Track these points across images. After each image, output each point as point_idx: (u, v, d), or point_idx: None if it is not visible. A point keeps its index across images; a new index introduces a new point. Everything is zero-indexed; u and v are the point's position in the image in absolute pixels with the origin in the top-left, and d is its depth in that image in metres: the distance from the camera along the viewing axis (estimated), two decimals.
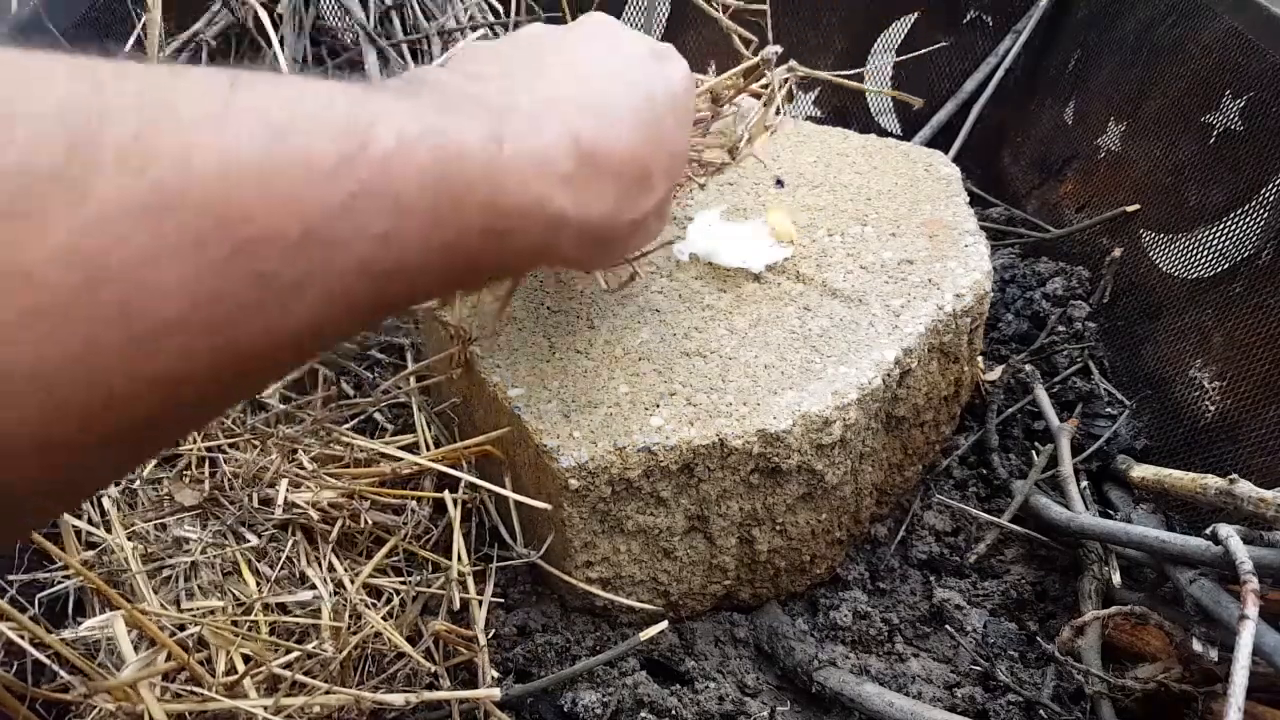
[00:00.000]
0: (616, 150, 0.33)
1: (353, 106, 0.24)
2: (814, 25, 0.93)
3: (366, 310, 0.26)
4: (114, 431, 0.21)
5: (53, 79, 0.19)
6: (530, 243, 0.30)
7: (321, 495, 0.56)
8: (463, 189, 0.26)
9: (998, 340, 0.73)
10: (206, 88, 0.22)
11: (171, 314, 0.20)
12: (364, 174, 0.23)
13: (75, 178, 0.18)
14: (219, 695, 0.45)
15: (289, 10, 0.76)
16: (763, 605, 0.56)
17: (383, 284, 0.25)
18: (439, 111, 0.27)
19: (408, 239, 0.25)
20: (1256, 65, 0.64)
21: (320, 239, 0.23)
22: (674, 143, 0.37)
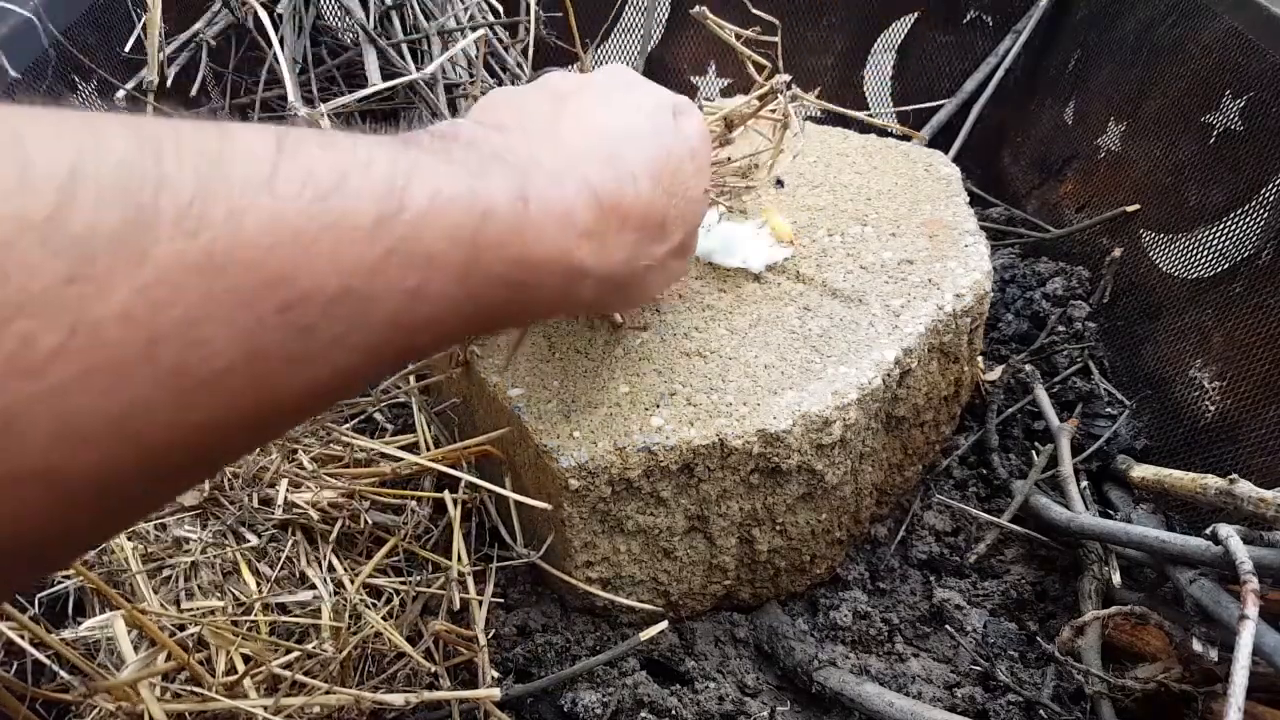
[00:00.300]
0: (634, 203, 0.34)
1: (390, 166, 0.25)
2: (814, 25, 0.93)
3: (394, 359, 0.27)
4: (159, 473, 0.22)
5: (116, 145, 0.20)
6: (551, 293, 0.32)
7: (321, 495, 0.56)
8: (490, 245, 0.28)
9: (998, 340, 0.73)
10: (256, 151, 0.23)
11: (220, 367, 0.21)
12: (400, 232, 0.25)
13: (135, 241, 0.20)
14: (219, 695, 0.45)
15: (289, 10, 0.76)
16: (763, 605, 0.56)
17: (411, 335, 0.26)
18: (469, 170, 0.28)
19: (436, 293, 0.26)
20: (1256, 65, 0.64)
21: (357, 295, 0.24)
22: (690, 190, 0.39)
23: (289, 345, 0.23)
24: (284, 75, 0.68)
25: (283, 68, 0.68)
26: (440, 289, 0.26)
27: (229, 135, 0.23)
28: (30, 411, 0.18)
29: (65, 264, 0.19)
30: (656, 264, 0.38)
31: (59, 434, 0.19)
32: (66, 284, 0.19)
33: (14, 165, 0.19)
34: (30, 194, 0.18)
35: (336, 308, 0.23)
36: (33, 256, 0.18)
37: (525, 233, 0.29)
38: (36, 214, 0.18)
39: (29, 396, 0.18)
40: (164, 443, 0.21)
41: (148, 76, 0.61)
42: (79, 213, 0.19)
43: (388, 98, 0.74)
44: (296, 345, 0.23)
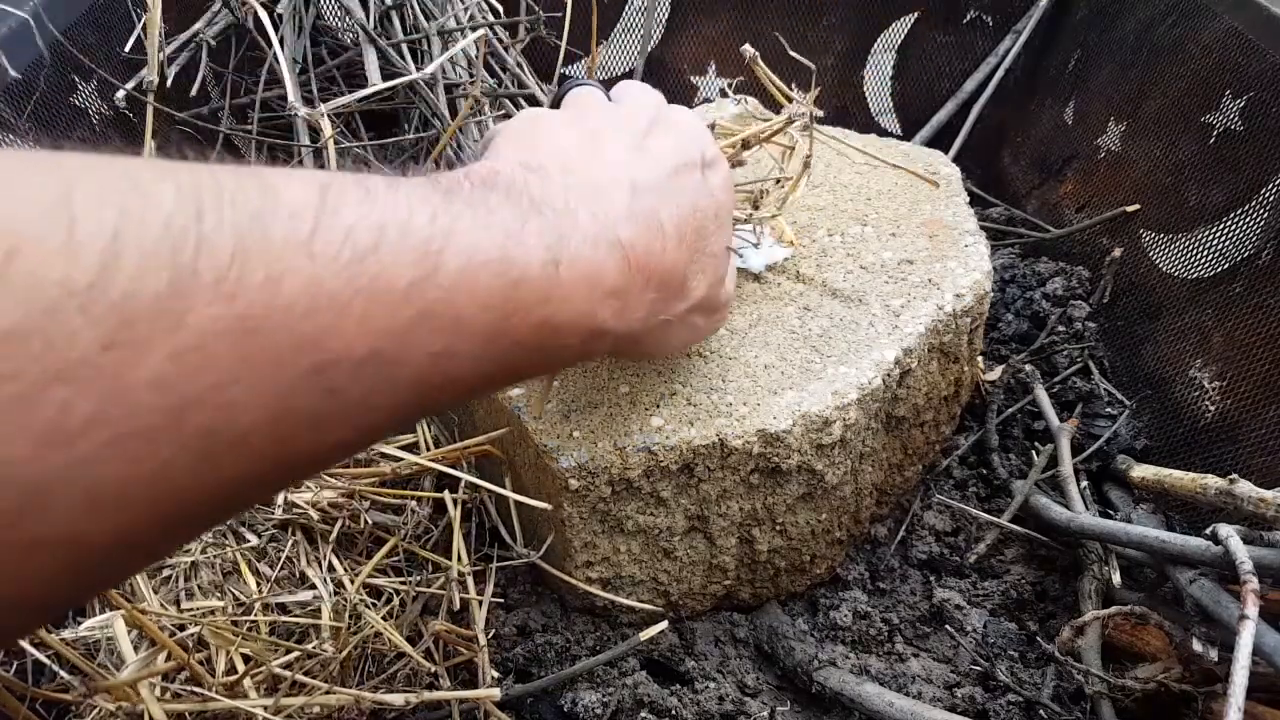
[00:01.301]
0: (660, 263, 0.34)
1: (429, 226, 0.25)
2: (814, 25, 0.93)
3: (414, 416, 0.27)
4: (177, 530, 0.22)
5: (160, 202, 0.20)
6: (570, 352, 0.32)
7: (321, 495, 0.56)
8: (518, 310, 0.28)
9: (998, 340, 0.73)
10: (298, 206, 0.23)
11: (245, 429, 0.21)
12: (432, 296, 0.25)
13: (173, 306, 0.19)
14: (219, 695, 0.45)
15: (289, 10, 0.76)
16: (763, 605, 0.56)
17: (433, 394, 0.26)
18: (506, 230, 0.28)
19: (461, 355, 0.26)
20: (1256, 65, 0.64)
21: (385, 357, 0.24)
22: (712, 246, 0.39)
23: (316, 407, 0.22)
24: (284, 75, 0.68)
25: (283, 68, 0.68)
26: (466, 351, 0.26)
27: (270, 188, 0.22)
28: (61, 481, 0.18)
29: (104, 331, 0.18)
30: (676, 320, 0.38)
31: (86, 503, 0.19)
32: (104, 351, 0.18)
33: (61, 227, 0.18)
34: (75, 259, 0.18)
35: (364, 370, 0.23)
36: (74, 323, 0.18)
37: (553, 298, 0.29)
38: (80, 280, 0.18)
39: (61, 466, 0.18)
40: (185, 503, 0.21)
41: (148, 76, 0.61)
42: (120, 277, 0.19)
43: (388, 98, 0.74)
44: (323, 406, 0.23)
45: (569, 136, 0.37)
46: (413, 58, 0.76)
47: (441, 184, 0.28)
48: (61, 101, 0.64)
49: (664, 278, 0.35)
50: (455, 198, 0.27)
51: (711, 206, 0.38)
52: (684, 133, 0.40)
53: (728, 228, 0.41)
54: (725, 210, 0.40)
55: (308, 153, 0.70)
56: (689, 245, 0.36)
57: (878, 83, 0.96)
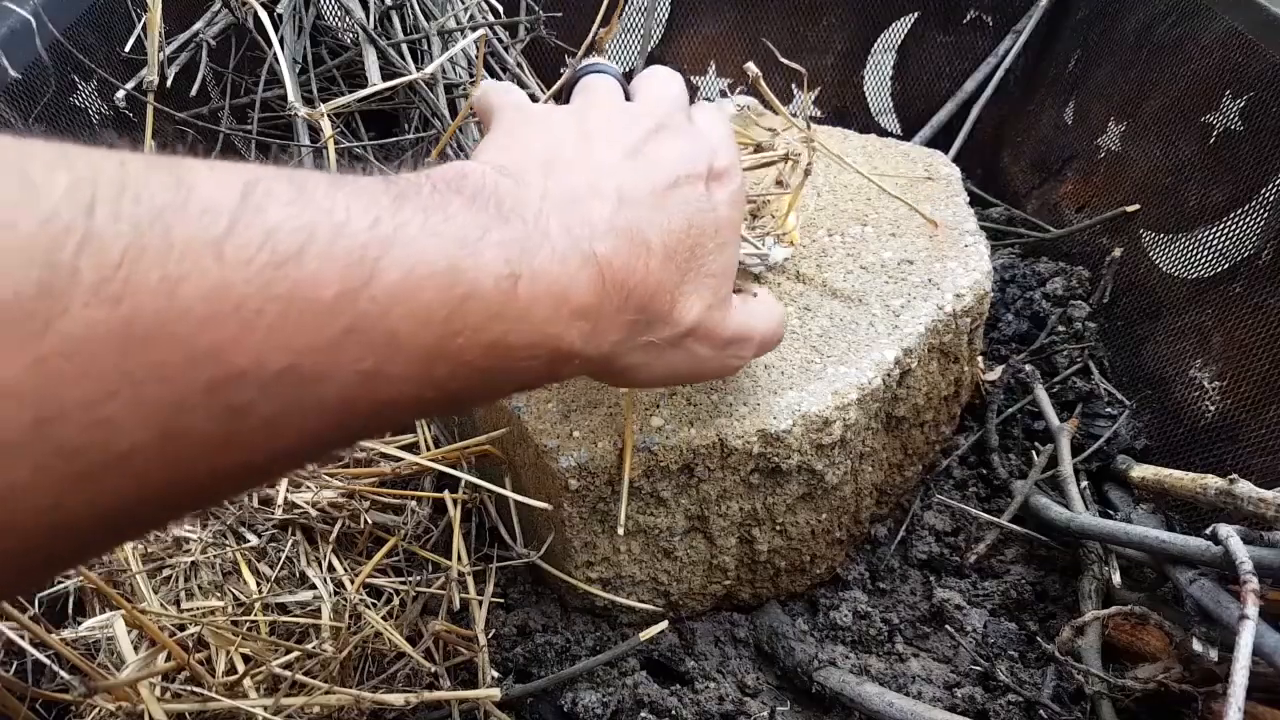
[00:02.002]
0: (641, 282, 0.32)
1: (369, 231, 0.23)
2: (814, 25, 0.93)
3: (342, 442, 0.25)
4: (38, 558, 0.20)
5: (47, 193, 0.18)
6: (531, 375, 0.29)
7: (321, 495, 0.56)
8: (467, 329, 0.25)
9: (998, 340, 0.73)
10: (215, 203, 0.21)
11: (125, 447, 0.19)
12: (363, 309, 0.22)
13: (39, 310, 0.17)
14: (219, 695, 0.45)
15: (289, 10, 0.76)
16: (763, 605, 0.56)
17: (362, 418, 0.24)
18: (461, 239, 0.25)
19: (396, 375, 0.24)
20: (1256, 65, 0.64)
21: (302, 374, 0.21)
22: (708, 266, 0.35)
23: (215, 427, 0.20)
24: (284, 75, 0.68)
25: (283, 68, 0.68)
26: (401, 371, 0.24)
27: (185, 182, 0.20)
28: None
29: None
30: (666, 346, 0.35)
31: None
32: None
33: None
34: None
35: (276, 388, 0.21)
36: None
37: (507, 316, 0.26)
38: None
39: None
40: (46, 527, 0.19)
41: (148, 76, 0.61)
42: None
43: (388, 98, 0.74)
44: (224, 427, 0.20)
45: (561, 135, 0.35)
46: (413, 58, 0.76)
47: (397, 185, 0.26)
48: (61, 101, 0.64)
49: (645, 299, 0.32)
50: (408, 201, 0.25)
51: (711, 223, 0.35)
52: (694, 138, 0.37)
53: (731, 247, 0.37)
54: (728, 227, 0.37)
55: (308, 153, 0.70)
56: (678, 264, 0.33)
57: (878, 83, 0.96)
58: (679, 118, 0.38)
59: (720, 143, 0.38)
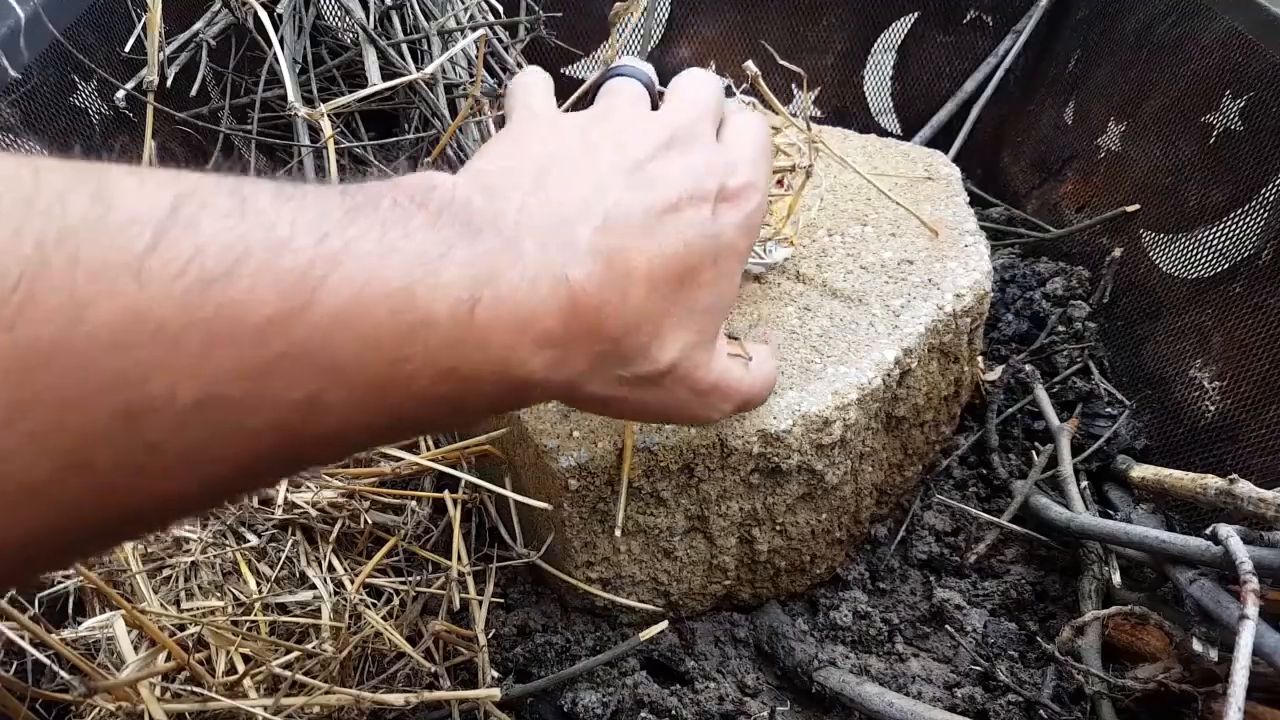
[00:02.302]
0: (616, 314, 0.29)
1: (313, 249, 0.21)
2: (814, 25, 0.93)
3: (285, 469, 0.24)
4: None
5: None
6: (490, 403, 0.27)
7: (321, 495, 0.56)
8: (419, 355, 0.23)
9: (998, 340, 0.73)
10: (139, 217, 0.19)
11: (29, 479, 0.18)
12: (300, 334, 0.21)
13: None
14: (219, 695, 0.45)
15: (289, 10, 0.76)
16: (763, 605, 0.56)
17: (302, 448, 0.22)
18: (420, 257, 0.23)
19: (337, 404, 0.22)
20: (1256, 65, 0.64)
21: (227, 403, 0.20)
22: (701, 300, 0.32)
23: (130, 458, 0.19)
24: (284, 75, 0.68)
25: (283, 68, 0.68)
26: (342, 400, 0.22)
27: (106, 193, 0.19)
28: None
29: None
30: (642, 383, 0.32)
31: None
32: None
33: None
34: None
35: (197, 417, 0.19)
36: None
37: (465, 343, 0.24)
38: None
39: None
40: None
41: (148, 76, 0.61)
42: None
43: (388, 98, 0.74)
44: (139, 458, 0.19)
45: (563, 145, 0.33)
46: (413, 58, 0.76)
47: (354, 198, 0.24)
48: (61, 101, 0.64)
49: (620, 331, 0.29)
50: (363, 216, 0.23)
51: (710, 250, 0.32)
52: (710, 153, 0.34)
53: (729, 279, 0.34)
54: (731, 256, 0.34)
55: (308, 153, 0.70)
56: (664, 295, 0.31)
57: (878, 83, 0.96)
58: (701, 128, 0.35)
59: (743, 159, 0.35)
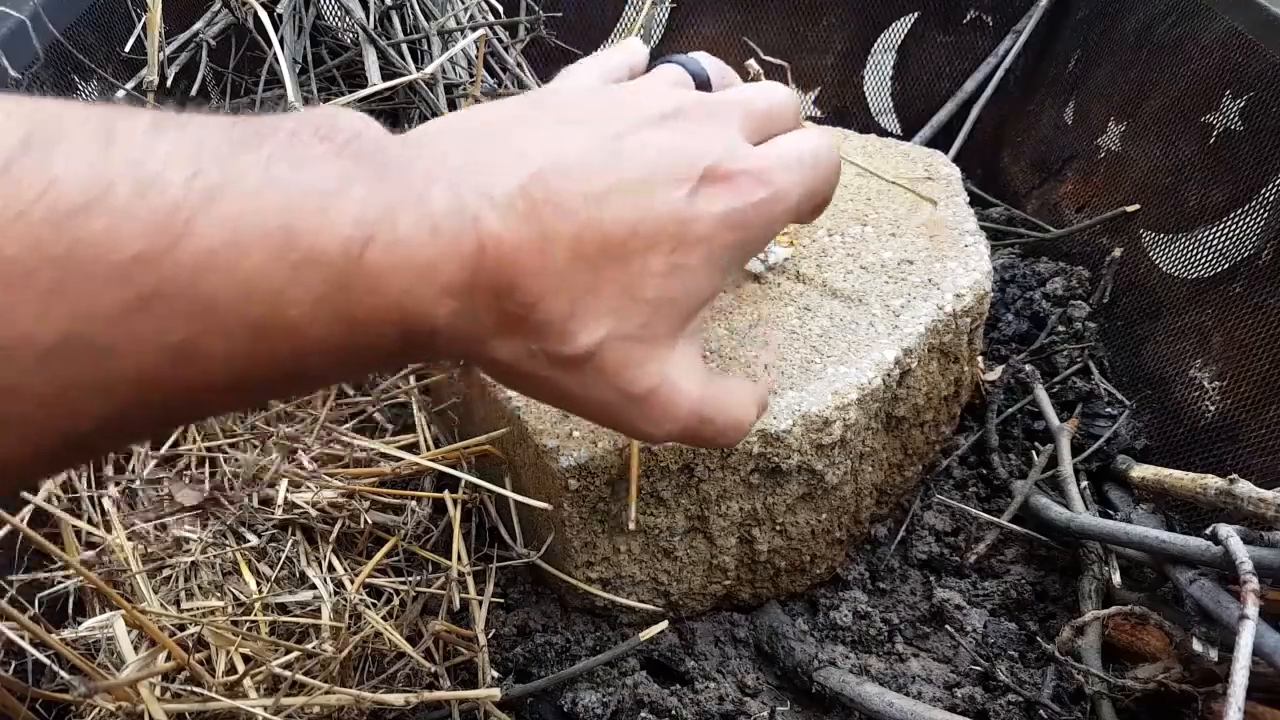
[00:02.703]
0: (532, 275, 0.26)
1: (186, 183, 0.20)
2: (814, 25, 0.93)
3: (156, 423, 0.22)
4: None
5: None
6: (388, 354, 0.25)
7: (321, 495, 0.56)
8: (304, 300, 0.22)
9: (998, 340, 0.73)
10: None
11: None
12: (167, 274, 0.19)
13: None
14: (219, 695, 0.45)
15: (289, 10, 0.76)
16: (763, 605, 0.56)
17: (176, 400, 0.21)
18: (308, 193, 0.22)
19: (216, 352, 0.21)
20: (1256, 65, 0.64)
21: (86, 347, 0.19)
22: (643, 288, 0.28)
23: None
24: (284, 75, 0.68)
25: (283, 68, 0.68)
26: (222, 347, 0.21)
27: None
28: None
29: None
30: (556, 362, 0.28)
31: None
32: None
33: None
34: None
35: (59, 359, 0.18)
36: None
37: (354, 288, 0.23)
38: None
39: None
40: None
41: (148, 76, 0.61)
42: None
43: (388, 98, 0.74)
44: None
45: (533, 111, 0.30)
46: (413, 58, 0.76)
47: (244, 129, 0.22)
48: None
49: (531, 294, 0.26)
50: (252, 149, 0.22)
51: (669, 233, 0.28)
52: (719, 141, 0.30)
53: (693, 275, 0.29)
54: (697, 247, 0.28)
55: None
56: (592, 267, 0.27)
57: (878, 83, 0.96)
58: (725, 113, 0.31)
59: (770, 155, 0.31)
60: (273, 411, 0.61)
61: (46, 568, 0.54)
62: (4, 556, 0.53)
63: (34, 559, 0.54)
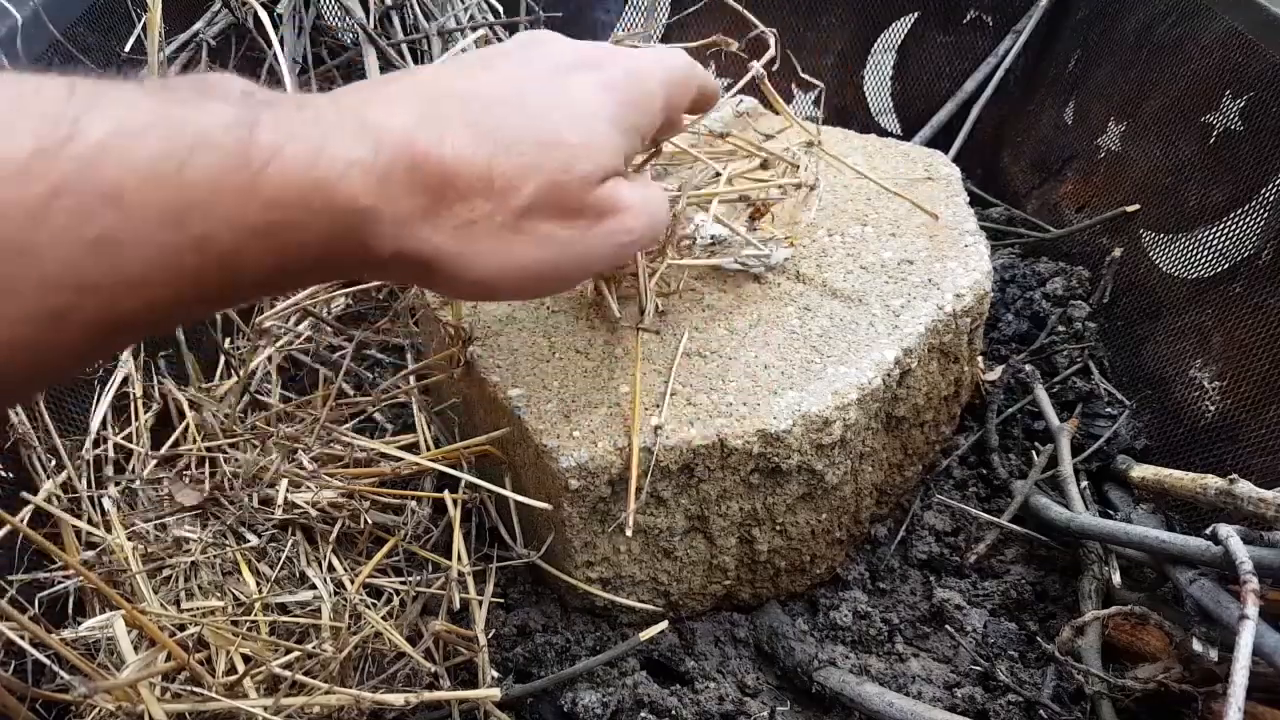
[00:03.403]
0: (433, 151, 0.28)
1: (69, 98, 0.21)
2: (814, 25, 0.93)
3: (90, 337, 0.22)
4: None
5: None
6: (319, 237, 0.26)
7: (321, 495, 0.56)
8: (206, 181, 0.23)
9: (998, 340, 0.73)
10: None
11: None
12: (68, 168, 0.20)
13: None
14: (219, 695, 0.45)
15: (289, 10, 0.76)
16: (763, 605, 0.56)
17: (108, 301, 0.22)
18: (180, 99, 0.23)
19: (136, 241, 0.22)
20: (1256, 65, 0.64)
21: (8, 248, 0.20)
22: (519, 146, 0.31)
23: None
24: (284, 75, 0.68)
25: (283, 68, 0.68)
26: (141, 235, 0.22)
27: None
28: None
29: None
30: (493, 225, 0.30)
31: None
32: None
33: None
34: None
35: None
36: None
37: (253, 163, 0.24)
38: None
39: None
40: None
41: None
42: None
43: None
44: None
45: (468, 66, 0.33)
46: (413, 58, 0.76)
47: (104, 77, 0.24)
48: None
49: (444, 169, 0.29)
50: (117, 85, 0.23)
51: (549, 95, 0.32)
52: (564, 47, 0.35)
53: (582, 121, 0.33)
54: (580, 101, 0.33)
55: None
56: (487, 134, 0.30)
57: (878, 83, 0.96)
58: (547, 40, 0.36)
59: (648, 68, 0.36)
60: (273, 412, 0.61)
61: (46, 568, 0.54)
62: (4, 556, 0.53)
63: (34, 559, 0.54)
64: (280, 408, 0.61)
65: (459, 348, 0.53)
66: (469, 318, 0.54)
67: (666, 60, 0.38)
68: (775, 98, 0.52)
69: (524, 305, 0.55)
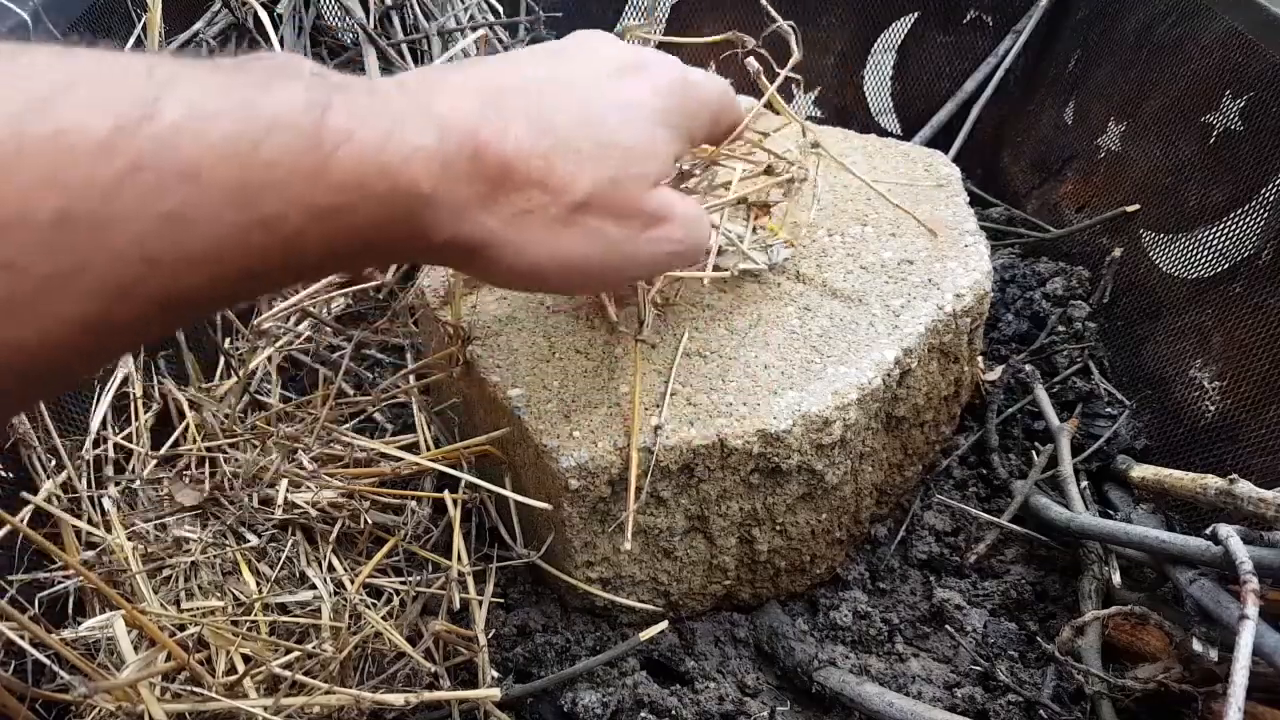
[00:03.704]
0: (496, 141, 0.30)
1: (147, 76, 0.22)
2: (814, 25, 0.93)
3: (155, 310, 0.23)
4: None
5: None
6: (379, 228, 0.27)
7: (321, 495, 0.56)
8: (282, 160, 0.23)
9: (998, 340, 0.73)
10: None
11: None
12: (145, 145, 0.21)
13: None
14: (219, 695, 0.45)
15: (289, 10, 0.76)
16: (763, 605, 0.56)
17: (176, 275, 0.22)
18: (256, 82, 0.24)
19: (207, 217, 0.22)
20: (1256, 65, 0.64)
21: (87, 220, 0.20)
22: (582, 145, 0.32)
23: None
24: None
25: None
26: (212, 212, 0.22)
27: None
28: None
29: None
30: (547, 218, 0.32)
31: None
32: None
33: None
34: None
35: (52, 237, 0.19)
36: None
37: (325, 145, 0.24)
38: None
39: None
40: None
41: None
42: None
43: None
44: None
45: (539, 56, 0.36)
46: (413, 58, 0.76)
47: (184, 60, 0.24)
48: None
49: (505, 158, 0.30)
50: (196, 64, 0.24)
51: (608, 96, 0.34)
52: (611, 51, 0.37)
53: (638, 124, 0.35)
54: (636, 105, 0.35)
55: None
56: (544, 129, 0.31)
57: (878, 83, 0.96)
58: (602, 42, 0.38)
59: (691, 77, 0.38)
60: (272, 412, 0.61)
61: (46, 568, 0.54)
62: (4, 556, 0.53)
63: (34, 559, 0.54)
64: (280, 408, 0.61)
65: (459, 347, 0.53)
66: (469, 318, 0.54)
67: (718, 78, 0.41)
68: (776, 98, 0.52)
69: (524, 305, 0.55)
